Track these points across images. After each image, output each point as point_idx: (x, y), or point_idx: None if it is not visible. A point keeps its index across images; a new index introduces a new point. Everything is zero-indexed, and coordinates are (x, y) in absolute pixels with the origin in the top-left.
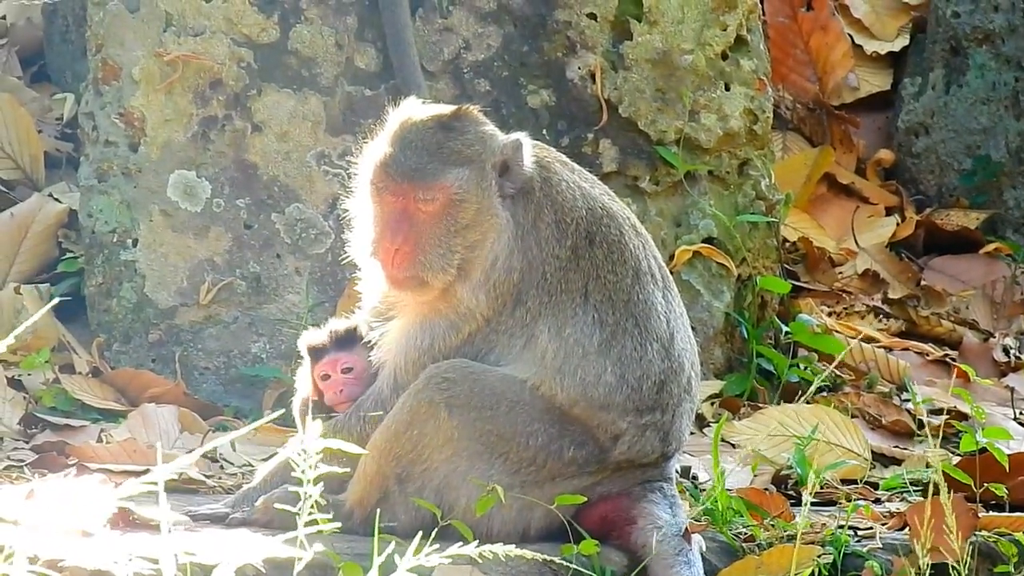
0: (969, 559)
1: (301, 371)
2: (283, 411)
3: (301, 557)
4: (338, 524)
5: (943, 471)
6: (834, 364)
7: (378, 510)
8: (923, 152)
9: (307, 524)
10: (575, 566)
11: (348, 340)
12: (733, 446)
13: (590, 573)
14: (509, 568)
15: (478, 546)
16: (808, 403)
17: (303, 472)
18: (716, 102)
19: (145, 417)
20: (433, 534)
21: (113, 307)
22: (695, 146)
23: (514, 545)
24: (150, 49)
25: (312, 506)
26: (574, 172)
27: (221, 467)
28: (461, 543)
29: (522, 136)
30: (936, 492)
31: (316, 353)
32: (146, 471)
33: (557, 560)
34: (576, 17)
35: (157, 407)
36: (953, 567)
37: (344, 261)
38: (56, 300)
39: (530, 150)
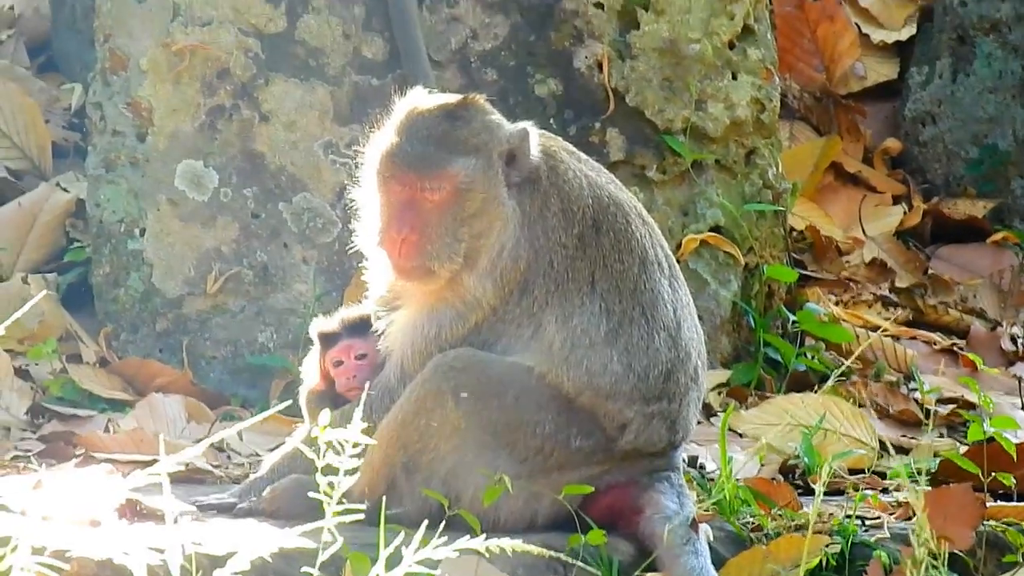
0: (977, 548)
1: (308, 360)
2: (290, 402)
3: (321, 547)
4: (360, 516)
5: (951, 460)
6: (851, 359)
7: (384, 499)
8: (930, 141)
9: (332, 514)
10: (582, 556)
11: (361, 327)
12: (740, 435)
13: (596, 567)
14: (517, 557)
15: (486, 537)
16: (814, 391)
17: (325, 462)
18: (723, 91)
19: (152, 407)
20: (440, 524)
21: (120, 296)
22: (702, 135)
23: (521, 534)
24: (158, 39)
25: (332, 495)
26: (581, 161)
27: (228, 457)
28: (468, 533)
29: (528, 125)
30: (943, 481)
31: (328, 340)
32: (153, 461)
33: (560, 556)
34: (583, 6)
35: (164, 397)
36: (961, 556)
37: (351, 251)
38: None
39: (536, 139)
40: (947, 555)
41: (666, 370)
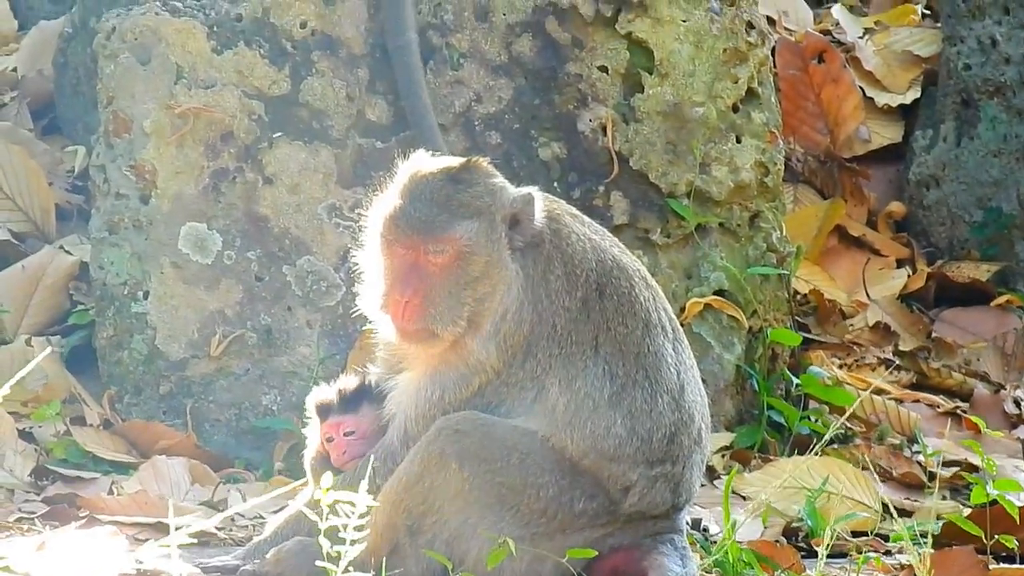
0: None
1: (312, 425)
2: (302, 480)
3: None
4: None
5: (954, 523)
6: (845, 416)
7: (388, 561)
8: (934, 204)
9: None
10: None
11: (353, 401)
12: (744, 498)
13: None
14: None
15: None
16: (819, 455)
17: (337, 526)
18: (727, 154)
19: (156, 469)
20: None
21: (124, 359)
22: (706, 198)
23: None
24: (161, 101)
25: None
26: (584, 224)
27: (232, 519)
28: None
29: (533, 190)
30: (947, 544)
31: (323, 411)
32: (157, 523)
33: None
34: (587, 70)
35: (168, 459)
36: None
37: (355, 314)
38: (48, 351)
39: (541, 205)
40: None
41: (670, 433)
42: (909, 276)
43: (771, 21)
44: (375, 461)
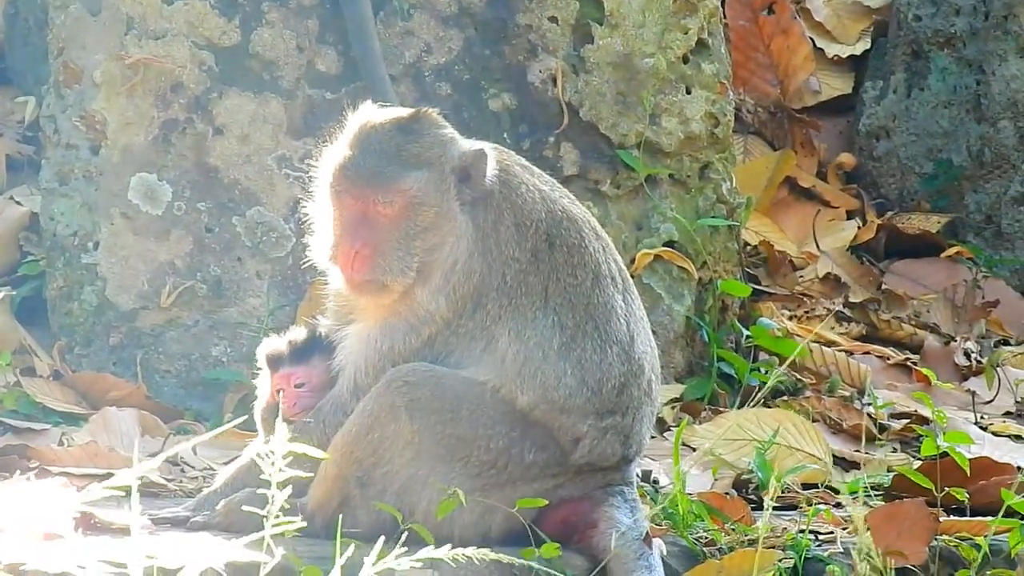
0: (930, 563)
1: (261, 376)
2: (246, 417)
3: (265, 561)
4: (302, 527)
5: (904, 475)
6: (786, 364)
7: (339, 514)
8: (884, 156)
9: (272, 527)
10: (537, 568)
11: (303, 352)
12: (694, 450)
13: (552, 574)
14: (471, 571)
15: (448, 549)
16: (767, 406)
17: (270, 475)
18: (677, 106)
19: (106, 420)
20: (394, 538)
21: (74, 310)
22: (656, 150)
23: (475, 548)
24: (111, 52)
25: (280, 511)
26: (534, 176)
27: (182, 470)
28: (427, 548)
29: (486, 146)
30: (897, 496)
31: (274, 362)
32: (107, 474)
33: (519, 563)
34: (537, 21)
35: (118, 410)
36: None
37: (305, 265)
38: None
39: (493, 161)
40: (898, 570)
41: (619, 384)
42: (859, 227)
43: None
44: (325, 413)
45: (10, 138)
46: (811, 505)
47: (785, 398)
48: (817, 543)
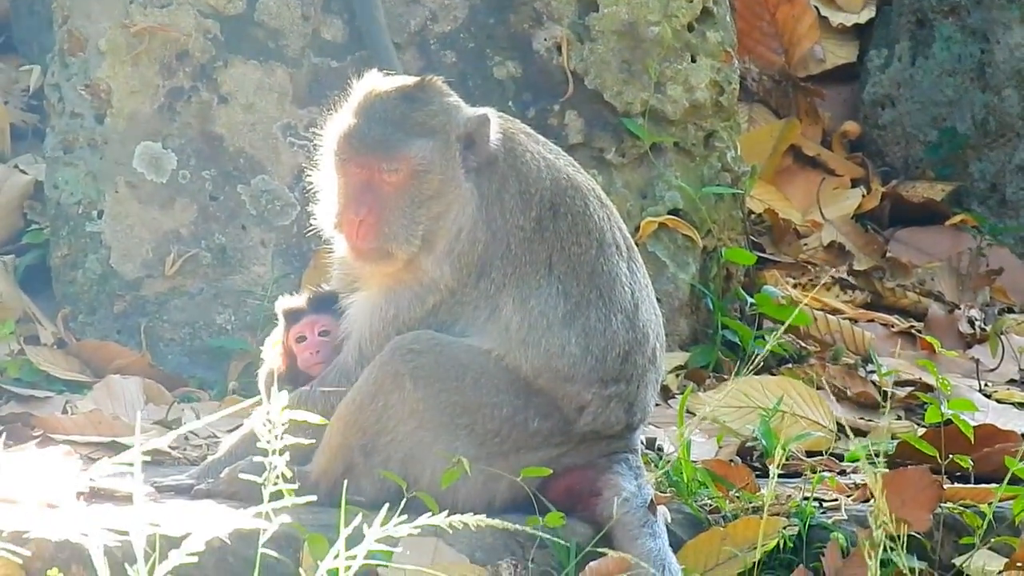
0: (934, 530)
1: (269, 340)
2: (256, 399)
3: (267, 528)
4: (308, 496)
5: (908, 442)
6: (783, 329)
7: (344, 481)
8: (889, 124)
9: (273, 495)
10: (541, 536)
11: (327, 303)
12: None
13: (556, 542)
14: (475, 539)
15: (445, 516)
16: (771, 374)
17: (268, 443)
18: (682, 74)
19: (110, 388)
20: (399, 506)
21: (78, 278)
22: (661, 118)
23: (479, 516)
24: (116, 20)
25: (278, 477)
26: (539, 144)
27: (186, 438)
28: (427, 514)
29: (489, 111)
30: (901, 464)
31: (292, 316)
32: (112, 443)
33: (523, 530)
34: None
35: (122, 378)
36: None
37: (309, 233)
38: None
39: (496, 126)
40: (905, 537)
41: (624, 352)
42: (864, 196)
43: None
44: (329, 381)
45: (15, 106)
46: (815, 472)
47: (790, 365)
48: (821, 510)
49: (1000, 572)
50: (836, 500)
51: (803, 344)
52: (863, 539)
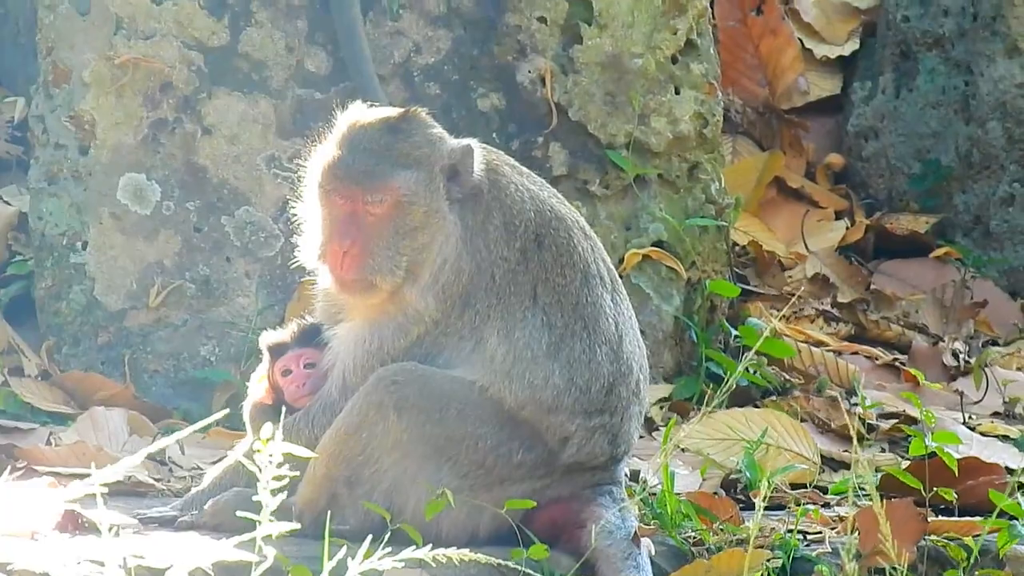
0: (918, 563)
1: (255, 374)
2: (228, 411)
3: (255, 561)
4: (295, 527)
5: (892, 475)
6: (752, 352)
7: (328, 513)
8: (873, 156)
9: (261, 528)
10: (525, 570)
11: (310, 336)
12: (683, 450)
13: (540, 575)
14: (459, 572)
15: (429, 550)
16: (756, 406)
17: (260, 473)
18: (666, 106)
19: (95, 420)
20: (382, 537)
21: (63, 309)
22: (645, 150)
23: (463, 548)
24: (100, 52)
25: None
26: (523, 175)
27: (170, 470)
28: (411, 546)
29: (472, 142)
30: (885, 496)
31: (277, 350)
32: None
33: (508, 564)
34: (526, 21)
35: (106, 410)
36: (895, 570)
37: (294, 264)
38: None
39: (480, 157)
40: (886, 570)
41: (608, 384)
42: (848, 228)
43: None
44: (314, 412)
45: None
46: (799, 505)
47: (774, 398)
48: (805, 543)
49: None
50: (820, 532)
51: (787, 376)
52: (847, 572)
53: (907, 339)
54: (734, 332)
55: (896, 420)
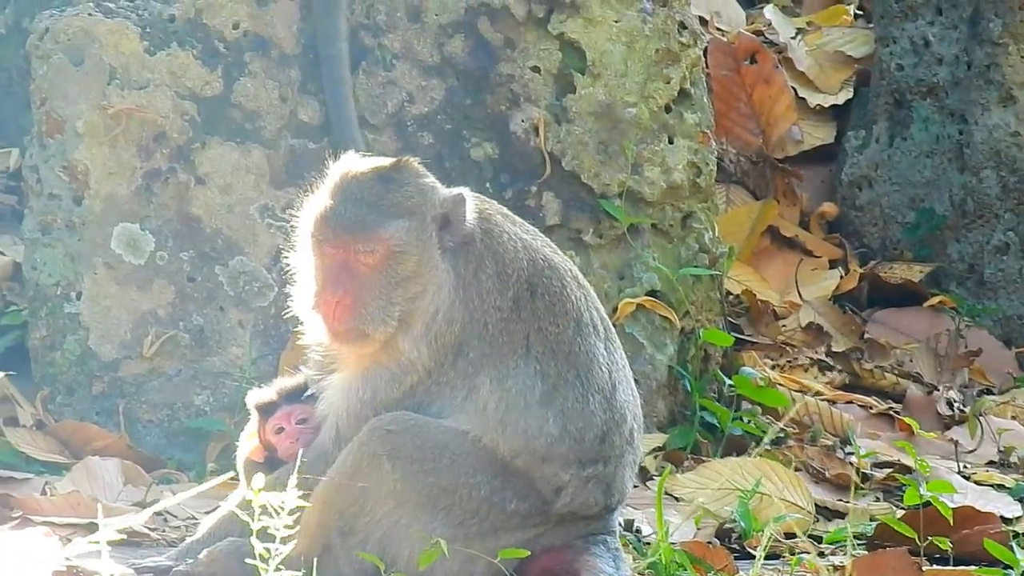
0: None
1: (243, 432)
2: (233, 473)
3: None
4: None
5: (887, 524)
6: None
7: (321, 562)
8: (867, 205)
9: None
10: None
11: (298, 393)
12: (676, 499)
13: None
14: None
15: None
16: (750, 456)
17: (256, 526)
18: (659, 155)
19: (89, 470)
20: None
21: (57, 359)
22: (638, 199)
23: None
24: (94, 102)
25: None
26: (516, 224)
27: (165, 520)
28: None
29: (464, 191)
30: (880, 545)
31: (266, 410)
32: (90, 524)
33: None
34: (519, 70)
35: (101, 460)
36: None
37: (287, 314)
38: None
39: (472, 205)
40: None
41: (601, 433)
42: (842, 277)
43: (703, 21)
44: (308, 461)
45: None
46: (794, 554)
47: (768, 447)
48: None
49: None
50: None
51: (781, 426)
52: None
53: (901, 388)
54: (728, 381)
55: (891, 469)
